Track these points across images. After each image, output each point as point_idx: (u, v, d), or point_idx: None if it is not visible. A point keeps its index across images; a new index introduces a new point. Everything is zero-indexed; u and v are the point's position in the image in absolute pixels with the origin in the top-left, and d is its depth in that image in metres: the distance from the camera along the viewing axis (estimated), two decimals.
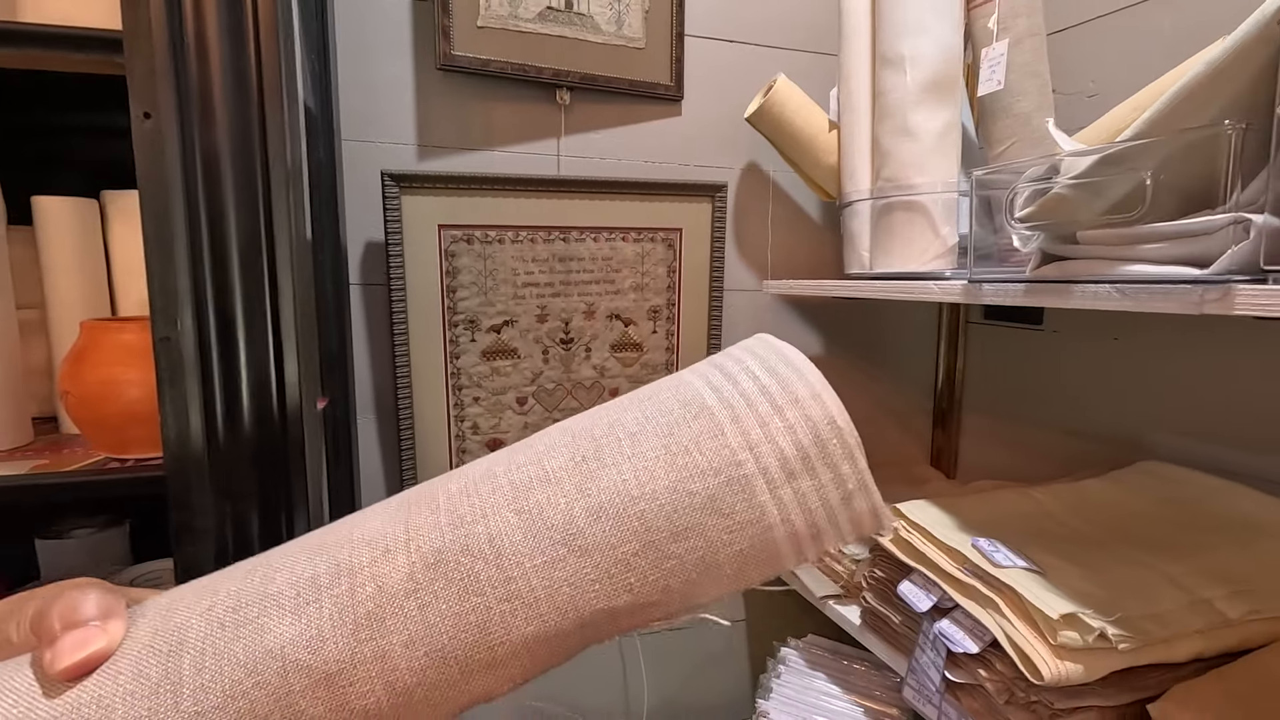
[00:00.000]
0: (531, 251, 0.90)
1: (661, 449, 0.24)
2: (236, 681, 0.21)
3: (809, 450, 0.24)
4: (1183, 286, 0.44)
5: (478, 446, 0.92)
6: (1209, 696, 0.53)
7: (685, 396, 0.26)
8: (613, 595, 0.23)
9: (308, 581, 0.23)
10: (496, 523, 0.23)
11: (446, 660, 0.22)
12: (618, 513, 0.23)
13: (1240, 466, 0.74)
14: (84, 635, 0.23)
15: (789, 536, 0.24)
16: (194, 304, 0.46)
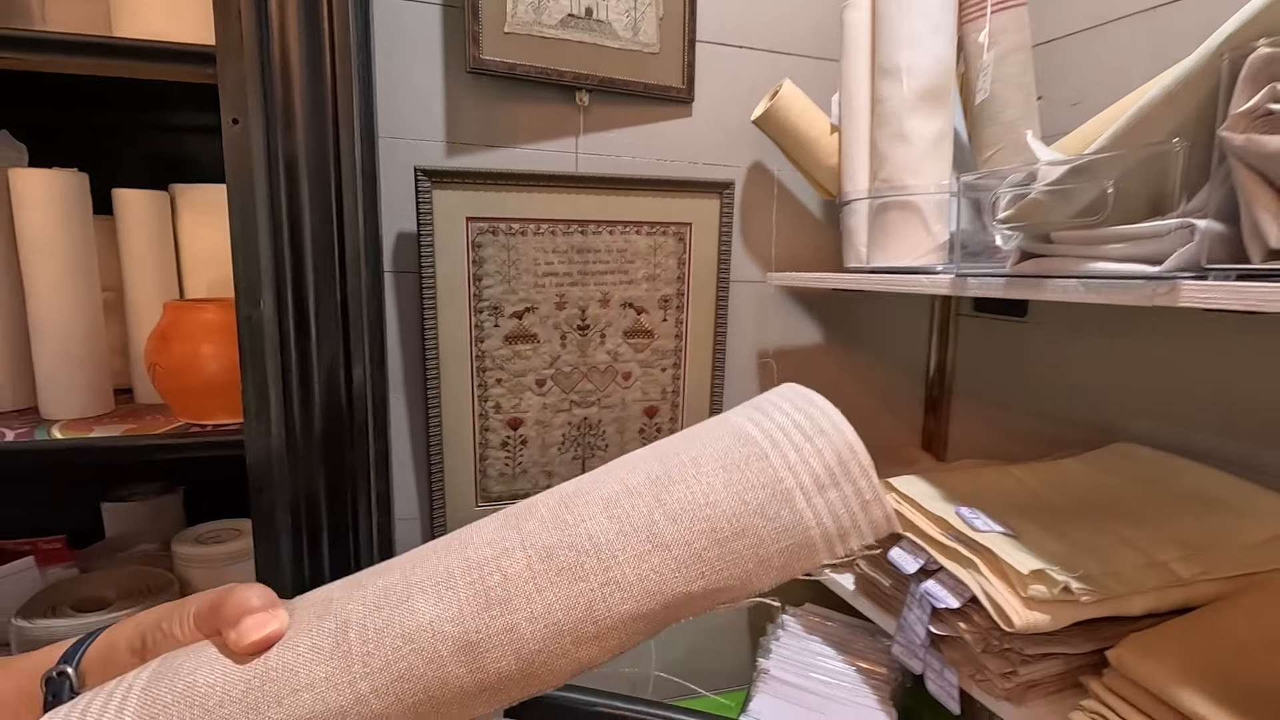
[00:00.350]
0: (552, 243, 0.96)
1: (719, 469, 0.30)
2: (396, 649, 0.27)
3: (834, 469, 0.30)
4: (1138, 281, 0.51)
5: (499, 425, 0.99)
6: (1160, 644, 0.60)
7: (733, 430, 0.32)
8: (689, 581, 0.29)
9: (443, 573, 0.29)
10: (593, 526, 0.30)
11: (561, 633, 0.28)
12: (690, 517, 0.29)
13: (1203, 448, 0.81)
14: (261, 618, 0.29)
15: (823, 536, 0.30)
16: (274, 287, 0.52)
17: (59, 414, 0.61)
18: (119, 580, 0.63)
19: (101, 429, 0.56)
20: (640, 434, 1.05)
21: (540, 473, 1.02)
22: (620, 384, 1.03)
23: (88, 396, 0.61)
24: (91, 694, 0.29)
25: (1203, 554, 0.66)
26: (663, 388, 1.05)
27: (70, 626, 0.56)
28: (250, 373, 0.53)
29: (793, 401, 0.33)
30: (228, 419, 0.58)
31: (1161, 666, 0.57)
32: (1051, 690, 0.65)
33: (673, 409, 1.06)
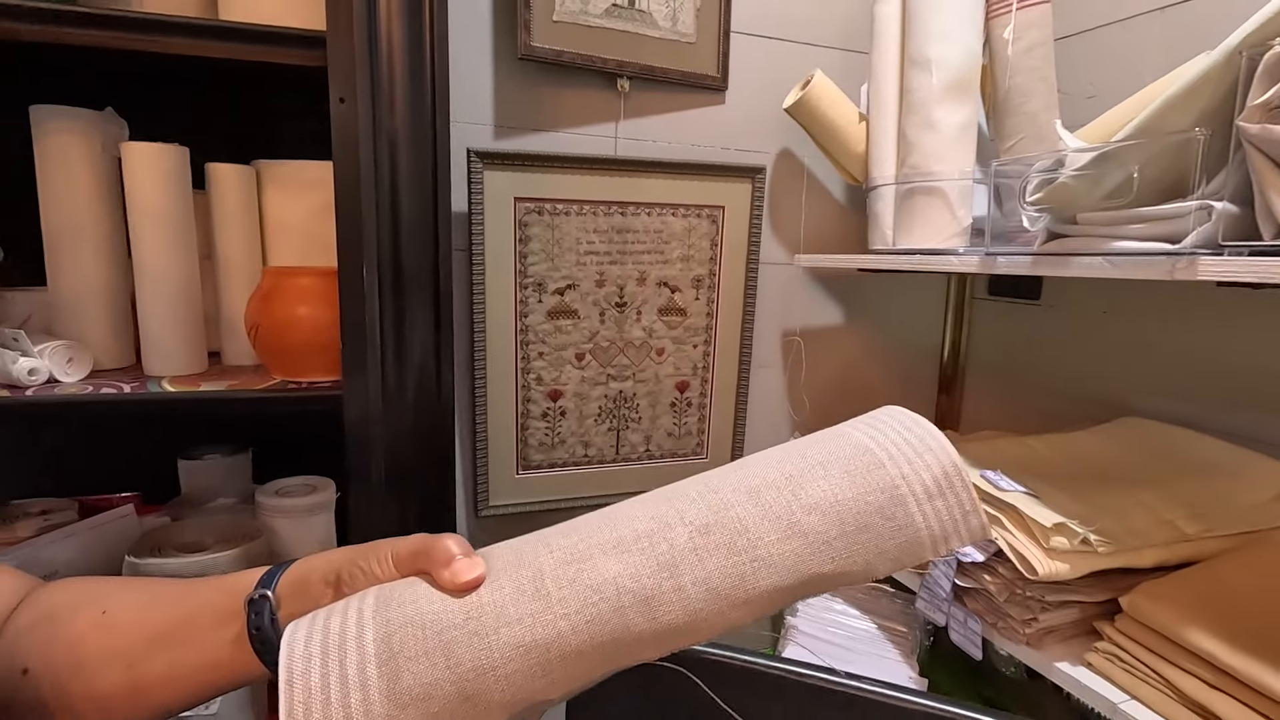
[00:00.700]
0: (593, 223, 1.01)
1: (844, 473, 0.36)
2: (586, 597, 0.33)
3: (940, 483, 0.36)
4: (1159, 258, 0.56)
5: (540, 396, 1.04)
6: (1169, 591, 0.66)
7: (853, 442, 0.38)
8: (822, 564, 0.34)
9: (616, 540, 0.34)
10: (740, 511, 0.35)
11: (718, 596, 0.33)
12: (822, 511, 0.35)
13: (1206, 422, 0.86)
14: (471, 561, 0.34)
15: (930, 537, 0.35)
16: (375, 256, 0.57)
17: (161, 371, 0.66)
18: (212, 528, 0.68)
19: (207, 384, 0.61)
20: (671, 408, 1.11)
21: (578, 443, 1.07)
22: (654, 359, 1.08)
23: (187, 355, 0.66)
24: (324, 612, 0.34)
25: (1207, 514, 0.72)
26: (694, 363, 1.11)
27: (180, 564, 0.61)
28: (350, 334, 0.58)
29: (902, 423, 0.39)
30: (322, 377, 0.63)
31: (1171, 610, 0.63)
32: (1067, 635, 0.71)
33: (702, 384, 1.12)
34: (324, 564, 0.37)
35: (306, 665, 0.30)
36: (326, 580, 0.37)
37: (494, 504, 1.05)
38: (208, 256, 0.73)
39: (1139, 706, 0.62)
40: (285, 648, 0.31)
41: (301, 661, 0.31)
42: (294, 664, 0.31)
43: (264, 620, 0.36)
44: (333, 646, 0.31)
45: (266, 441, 0.89)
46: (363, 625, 0.32)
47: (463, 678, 0.30)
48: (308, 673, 0.30)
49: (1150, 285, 0.93)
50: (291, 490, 0.74)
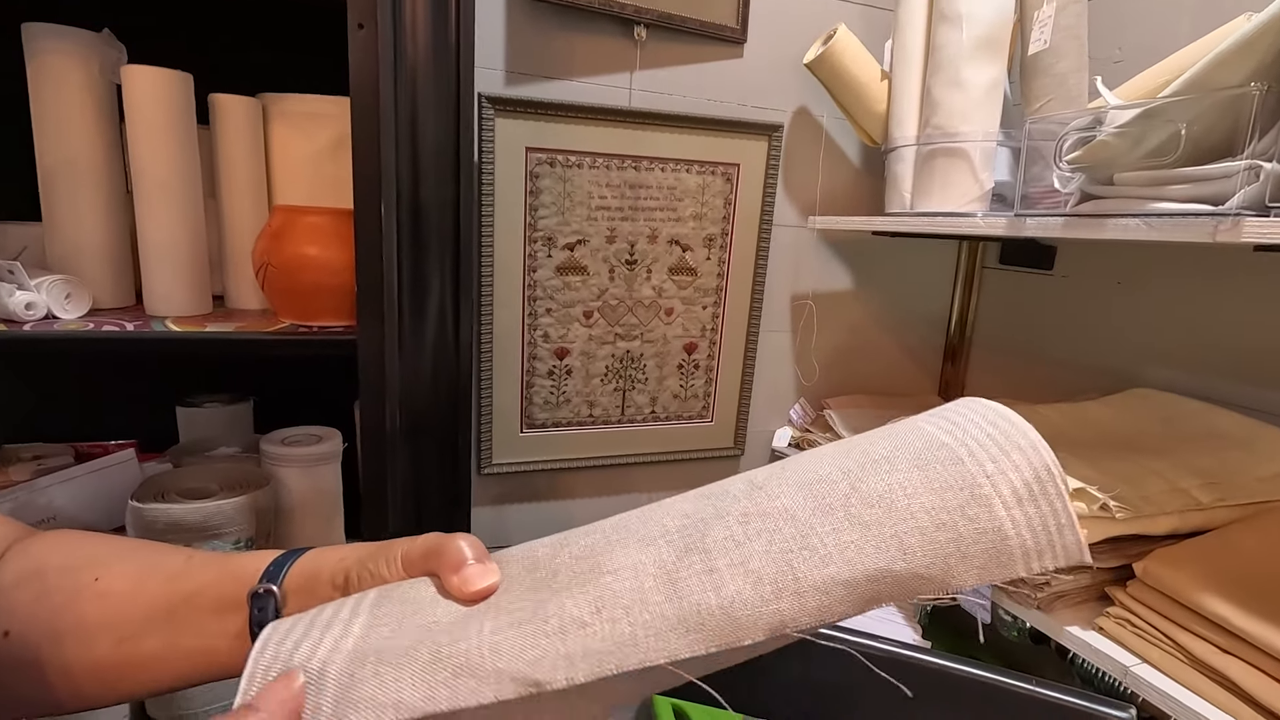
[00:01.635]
0: (605, 177, 0.98)
1: (914, 467, 0.30)
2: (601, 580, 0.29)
3: (1033, 486, 0.29)
4: (1201, 219, 0.55)
5: (547, 353, 1.02)
6: (1183, 557, 0.66)
7: (923, 436, 0.32)
8: (891, 559, 0.28)
9: (643, 535, 0.31)
10: (788, 501, 0.30)
11: (761, 580, 0.28)
12: (889, 504, 0.29)
13: (1223, 395, 0.86)
14: (481, 569, 0.31)
15: (1021, 548, 0.29)
16: (394, 193, 0.54)
17: (164, 312, 0.63)
18: (216, 474, 0.66)
19: (216, 324, 0.59)
20: (679, 369, 1.09)
21: (583, 402, 1.06)
22: (663, 319, 1.06)
23: (190, 296, 0.63)
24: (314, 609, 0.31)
25: (1220, 484, 0.72)
26: (702, 325, 1.09)
27: (185, 510, 0.59)
28: (366, 276, 0.55)
29: (984, 415, 0.32)
30: (333, 321, 0.60)
31: (1184, 575, 0.63)
32: (1077, 601, 0.72)
33: (711, 346, 1.10)
34: (335, 562, 0.35)
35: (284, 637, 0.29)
36: (335, 583, 0.34)
37: (497, 462, 1.03)
38: (211, 195, 0.70)
39: (1150, 670, 0.62)
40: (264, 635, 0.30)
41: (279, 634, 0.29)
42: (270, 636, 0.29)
43: (268, 617, 0.34)
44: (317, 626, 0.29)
45: (267, 393, 0.86)
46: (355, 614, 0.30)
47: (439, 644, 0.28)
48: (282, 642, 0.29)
49: (1170, 255, 0.93)
50: (297, 440, 0.72)
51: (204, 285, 0.65)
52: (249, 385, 0.86)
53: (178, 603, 0.36)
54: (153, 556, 0.39)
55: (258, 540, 0.64)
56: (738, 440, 1.15)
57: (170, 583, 0.36)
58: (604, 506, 1.12)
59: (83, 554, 0.39)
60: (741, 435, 1.16)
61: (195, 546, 0.61)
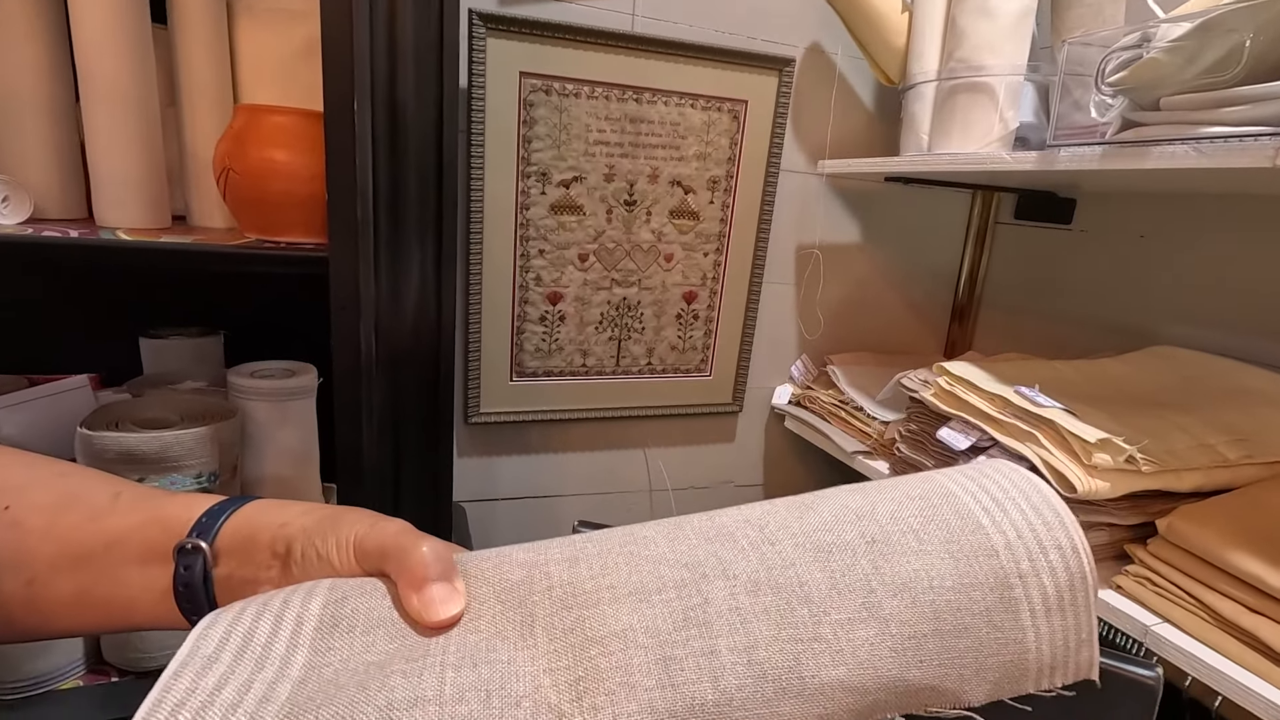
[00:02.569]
0: (605, 109, 0.92)
1: (945, 553, 0.27)
2: (586, 653, 0.25)
3: (1064, 594, 0.27)
4: (1260, 140, 0.50)
5: (539, 298, 0.97)
6: (1209, 514, 0.62)
7: (957, 508, 0.29)
8: (906, 665, 0.25)
9: (637, 585, 0.26)
10: (803, 572, 0.26)
11: (765, 675, 0.24)
12: (913, 596, 0.26)
13: (1251, 353, 0.82)
14: (450, 592, 0.26)
15: (1036, 662, 0.27)
16: (368, 91, 0.49)
17: (116, 223, 0.57)
18: (178, 405, 0.61)
19: (173, 235, 0.53)
20: (677, 319, 1.04)
21: (576, 351, 1.01)
22: (662, 265, 1.01)
23: (146, 207, 0.58)
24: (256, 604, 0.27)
25: (1248, 440, 0.68)
26: (703, 273, 1.04)
27: (139, 440, 0.54)
28: (337, 183, 0.50)
29: (1028, 497, 0.29)
30: (302, 238, 0.55)
31: (1212, 532, 0.60)
32: (1095, 559, 0.68)
33: (711, 296, 1.05)
34: (275, 526, 0.30)
35: (205, 666, 0.24)
36: (274, 550, 0.30)
37: (485, 411, 0.99)
38: (170, 103, 0.64)
39: (1172, 629, 0.59)
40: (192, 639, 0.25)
41: (201, 662, 0.24)
42: (190, 660, 0.24)
43: (195, 576, 0.30)
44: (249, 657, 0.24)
45: (240, 329, 0.81)
46: (296, 643, 0.25)
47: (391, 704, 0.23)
48: (203, 673, 0.24)
49: (1200, 205, 0.88)
50: (269, 373, 0.67)
51: (161, 198, 0.59)
52: (222, 320, 0.81)
53: (97, 548, 0.31)
54: (77, 488, 0.34)
55: (222, 475, 0.60)
56: (736, 396, 1.11)
57: (91, 522, 0.32)
58: (596, 461, 1.08)
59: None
60: (740, 391, 1.11)
61: (153, 480, 0.56)
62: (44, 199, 0.57)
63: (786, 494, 0.31)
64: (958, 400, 0.76)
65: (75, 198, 0.60)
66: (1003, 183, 1.05)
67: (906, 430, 0.86)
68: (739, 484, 1.18)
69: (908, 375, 0.85)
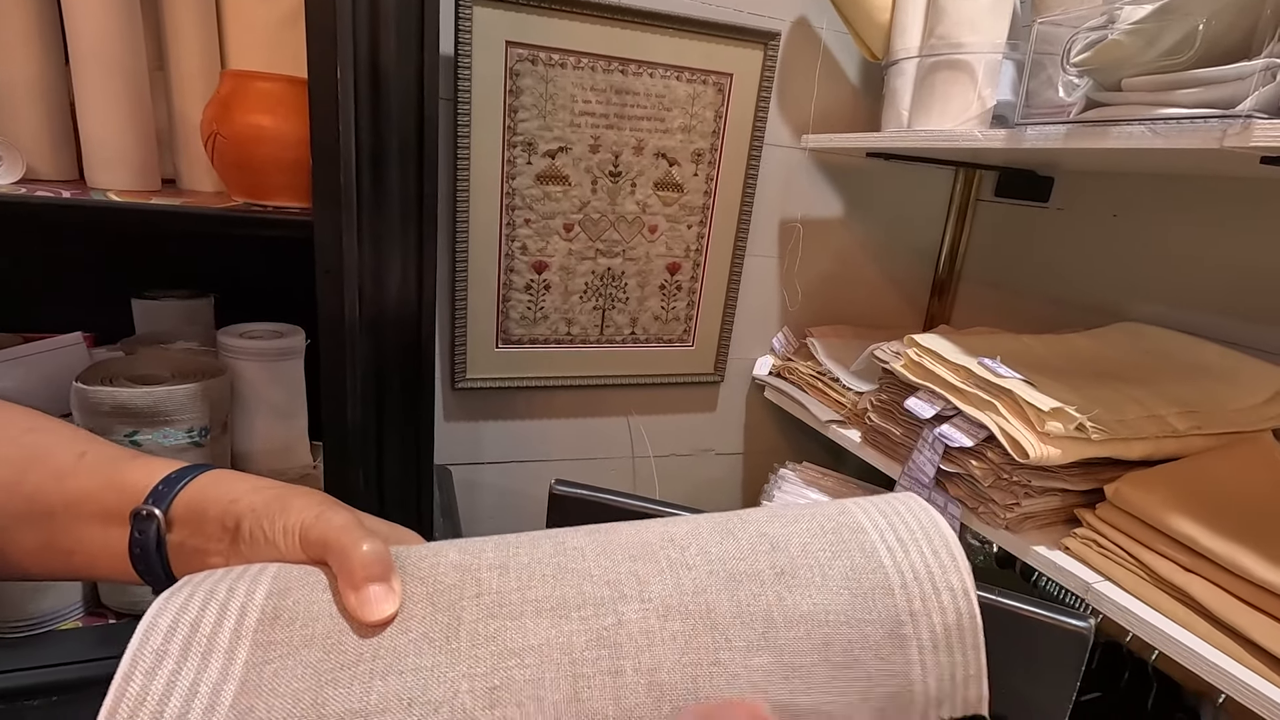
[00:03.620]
0: (591, 80, 0.93)
1: (845, 589, 0.29)
2: (504, 663, 0.27)
3: (951, 633, 0.29)
4: (1209, 123, 0.52)
5: (525, 267, 0.99)
6: (1154, 481, 0.66)
7: (864, 548, 0.31)
8: (795, 692, 0.28)
9: (558, 601, 0.29)
10: (712, 600, 0.29)
11: (663, 696, 0.27)
12: (809, 628, 0.28)
13: (1215, 330, 0.85)
14: (385, 593, 0.28)
15: (923, 694, 0.29)
16: (351, 54, 0.50)
17: (107, 185, 0.59)
18: (170, 363, 0.63)
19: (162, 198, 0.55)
20: (661, 290, 1.07)
21: (561, 320, 1.03)
22: (646, 237, 1.03)
23: (136, 170, 0.59)
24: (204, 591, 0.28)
25: (1198, 413, 0.72)
26: (687, 245, 1.06)
27: (133, 394, 0.57)
28: (321, 148, 0.52)
29: (930, 539, 0.32)
30: (289, 202, 0.57)
31: (1154, 497, 0.63)
32: (1045, 523, 0.72)
33: (694, 268, 1.07)
34: (226, 501, 0.32)
35: (155, 664, 0.25)
36: (225, 524, 0.32)
37: (471, 377, 1.01)
38: (159, 68, 0.65)
39: (1112, 587, 0.63)
40: (142, 629, 0.26)
41: (150, 659, 0.26)
42: (141, 655, 0.26)
43: (149, 541, 0.32)
44: (195, 652, 0.26)
45: (230, 292, 0.83)
46: (239, 636, 0.27)
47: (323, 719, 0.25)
48: (152, 673, 0.25)
49: (1169, 185, 0.90)
50: (258, 334, 0.69)
51: (150, 161, 0.61)
52: (212, 283, 0.83)
53: (58, 506, 0.33)
54: (45, 443, 0.35)
55: (213, 430, 0.62)
56: (718, 367, 1.14)
57: (55, 480, 0.34)
58: (580, 427, 1.11)
59: None
60: (722, 362, 1.14)
61: (146, 433, 0.59)
62: (36, 160, 0.59)
63: (766, 462, 0.34)
64: (925, 371, 0.79)
65: (67, 160, 0.61)
66: (983, 160, 1.07)
67: (878, 400, 0.89)
68: (719, 452, 1.21)
69: (880, 347, 0.88)
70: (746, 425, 1.21)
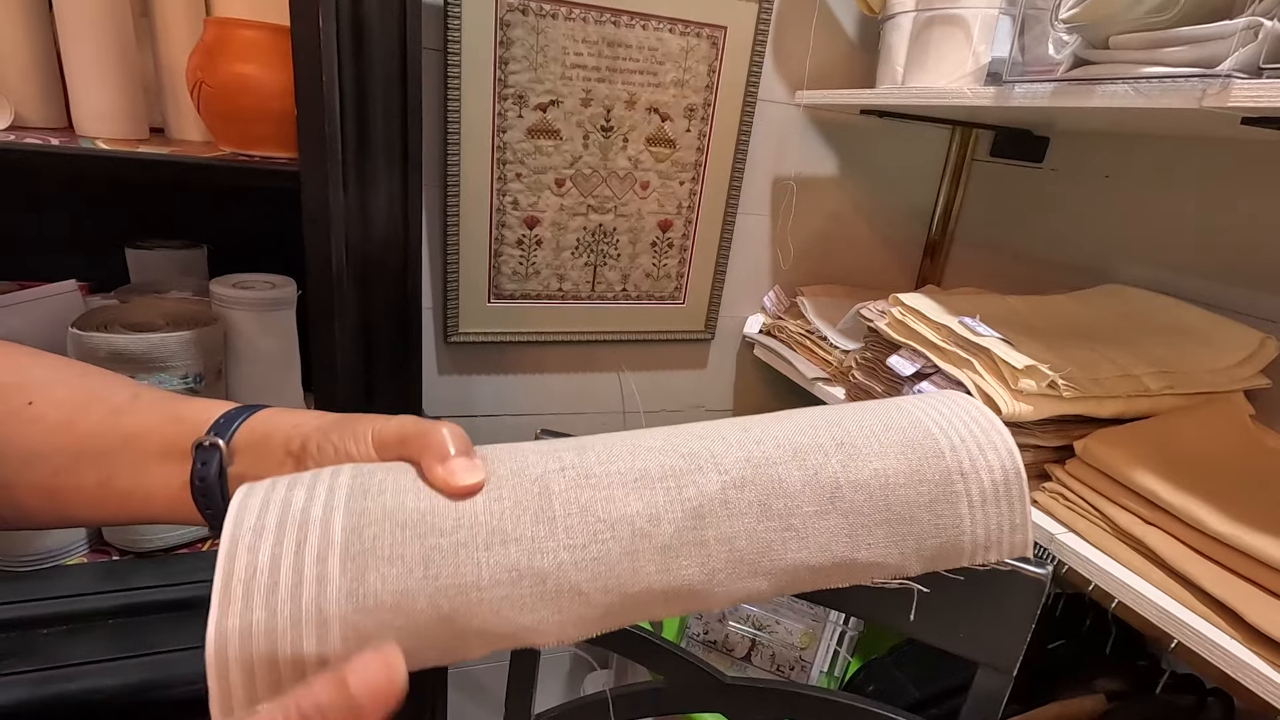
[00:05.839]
0: (583, 31, 0.92)
1: (900, 455, 0.32)
2: (597, 531, 0.28)
3: (999, 488, 0.32)
4: (1189, 81, 0.52)
5: (516, 222, 0.99)
6: (1122, 438, 0.68)
7: (913, 421, 0.33)
8: (856, 548, 0.31)
9: (640, 472, 0.30)
10: (783, 471, 0.31)
11: (740, 560, 0.29)
12: (871, 491, 0.31)
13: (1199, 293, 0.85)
14: (471, 464, 0.28)
15: (972, 544, 0.32)
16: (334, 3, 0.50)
17: (94, 133, 0.59)
18: (164, 311, 0.65)
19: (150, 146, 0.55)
20: (652, 247, 1.07)
21: (552, 275, 1.04)
22: (638, 193, 1.03)
23: (124, 118, 0.60)
24: (287, 479, 0.28)
25: (1172, 373, 0.73)
26: (679, 202, 1.06)
27: (128, 340, 0.58)
28: (305, 98, 0.52)
29: (969, 412, 0.34)
30: (275, 152, 0.57)
31: (1120, 453, 0.65)
32: None
33: (686, 225, 1.08)
34: (289, 426, 0.32)
35: (256, 540, 0.25)
36: (289, 448, 0.31)
37: (464, 331, 1.03)
38: (143, 14, 0.65)
39: (1074, 538, 0.65)
40: (234, 512, 0.26)
41: (251, 535, 0.25)
42: (240, 534, 0.25)
43: (210, 472, 0.32)
44: (291, 524, 0.26)
45: (223, 244, 0.84)
46: (331, 508, 0.26)
47: (439, 591, 0.26)
48: (256, 548, 0.25)
49: (1159, 146, 0.90)
50: (250, 284, 0.70)
51: (138, 109, 0.61)
52: (205, 235, 0.83)
53: (117, 442, 0.33)
54: (98, 385, 0.36)
55: (207, 378, 0.64)
56: (709, 324, 1.15)
57: (113, 417, 0.34)
58: (571, 382, 1.13)
59: (12, 369, 0.36)
60: (713, 319, 1.15)
61: (142, 379, 0.60)
62: (24, 109, 0.59)
63: None
64: (908, 330, 0.80)
65: (55, 108, 0.62)
66: (978, 119, 1.06)
67: (862, 358, 0.90)
68: (709, 408, 1.23)
69: (866, 306, 0.89)
70: (736, 383, 1.23)
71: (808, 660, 1.01)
